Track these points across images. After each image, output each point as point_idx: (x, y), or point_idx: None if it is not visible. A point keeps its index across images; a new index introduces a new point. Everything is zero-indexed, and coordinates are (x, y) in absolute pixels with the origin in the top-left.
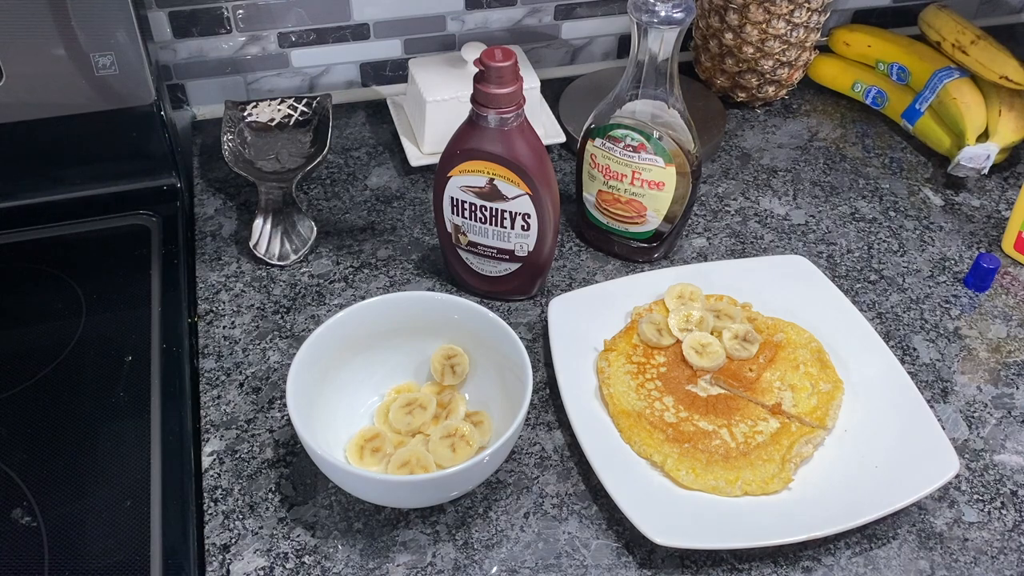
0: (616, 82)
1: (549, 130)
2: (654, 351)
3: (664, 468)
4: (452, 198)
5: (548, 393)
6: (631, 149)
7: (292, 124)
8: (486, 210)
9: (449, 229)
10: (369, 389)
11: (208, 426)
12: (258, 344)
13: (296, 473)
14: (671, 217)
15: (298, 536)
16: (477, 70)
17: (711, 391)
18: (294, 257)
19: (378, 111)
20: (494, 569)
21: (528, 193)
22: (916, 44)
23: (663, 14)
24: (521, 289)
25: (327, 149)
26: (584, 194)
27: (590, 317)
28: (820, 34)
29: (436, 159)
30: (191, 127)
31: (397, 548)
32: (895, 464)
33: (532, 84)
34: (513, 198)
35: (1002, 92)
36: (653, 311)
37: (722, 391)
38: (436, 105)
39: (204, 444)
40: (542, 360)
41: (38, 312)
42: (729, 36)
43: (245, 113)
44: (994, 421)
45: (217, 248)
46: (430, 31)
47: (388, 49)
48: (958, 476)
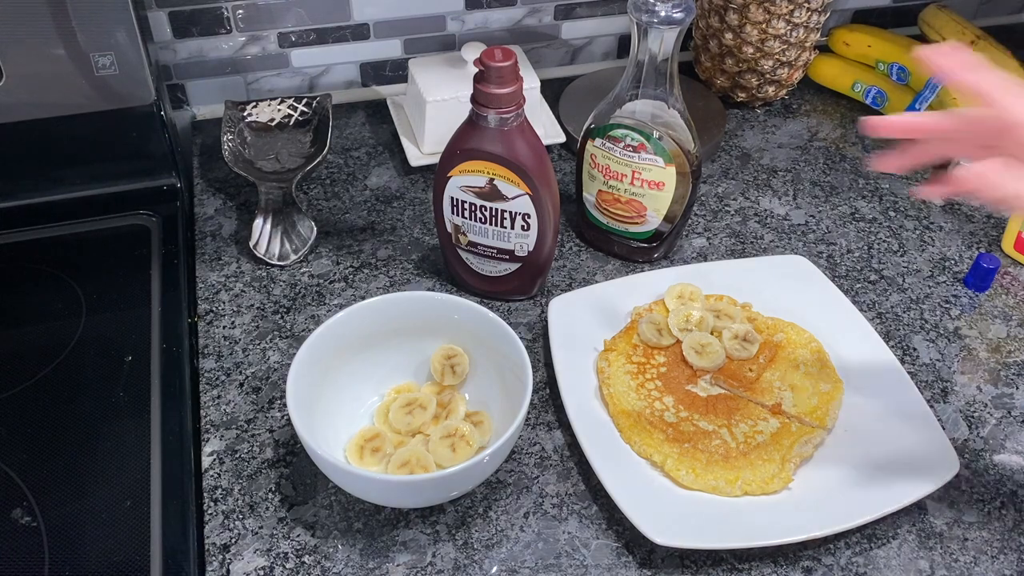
0: (616, 82)
1: (549, 130)
2: (654, 351)
3: (664, 468)
4: (452, 198)
5: (548, 393)
6: (631, 149)
7: (292, 124)
8: (486, 210)
9: (449, 229)
10: (369, 389)
11: (208, 426)
12: (258, 344)
13: (296, 473)
14: (671, 217)
15: (298, 536)
16: (477, 70)
17: (711, 391)
18: (294, 257)
19: (378, 111)
20: (494, 569)
21: (528, 193)
22: (916, 44)
23: (663, 14)
24: (521, 289)
25: (327, 149)
26: (584, 194)
27: (590, 317)
28: (820, 34)
29: (436, 159)
30: (191, 127)
31: (397, 548)
32: (895, 464)
33: (532, 84)
34: (513, 198)
35: None
36: (653, 311)
37: (722, 391)
38: (436, 105)
39: (204, 444)
40: (542, 360)
41: (38, 312)
42: (729, 36)
43: (245, 113)
44: (994, 421)
45: (217, 248)
46: (430, 31)
47: (388, 49)
48: (958, 476)
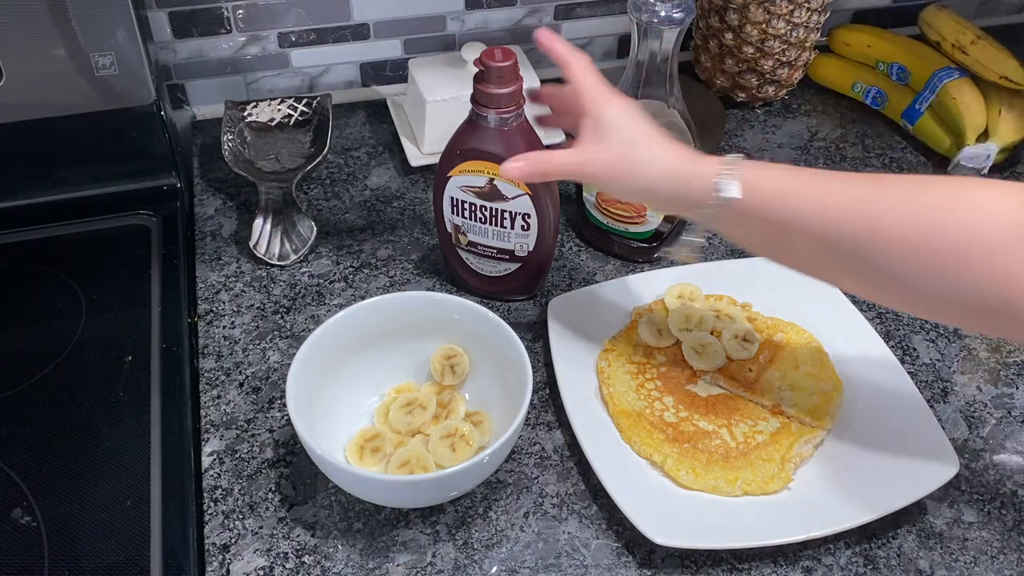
0: (616, 82)
1: (549, 130)
2: (654, 351)
3: (664, 468)
4: (452, 198)
5: (548, 393)
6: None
7: (292, 124)
8: (486, 210)
9: (449, 229)
10: (369, 389)
11: (208, 426)
12: (258, 344)
13: (296, 473)
14: (671, 217)
15: (298, 536)
16: (477, 70)
17: (711, 391)
18: (294, 257)
19: (378, 111)
20: (494, 569)
21: (528, 193)
22: (916, 44)
23: (663, 14)
24: (521, 289)
25: (327, 149)
26: (584, 194)
27: (590, 317)
28: (820, 34)
29: (436, 159)
30: (191, 127)
31: (397, 548)
32: (895, 464)
33: (532, 84)
34: (513, 198)
35: (1002, 92)
36: (653, 311)
37: (722, 391)
38: (436, 105)
39: (204, 444)
40: (542, 360)
41: (38, 312)
42: (729, 36)
43: (245, 113)
44: (994, 421)
45: (217, 248)
46: (430, 31)
47: (388, 49)
48: (958, 476)
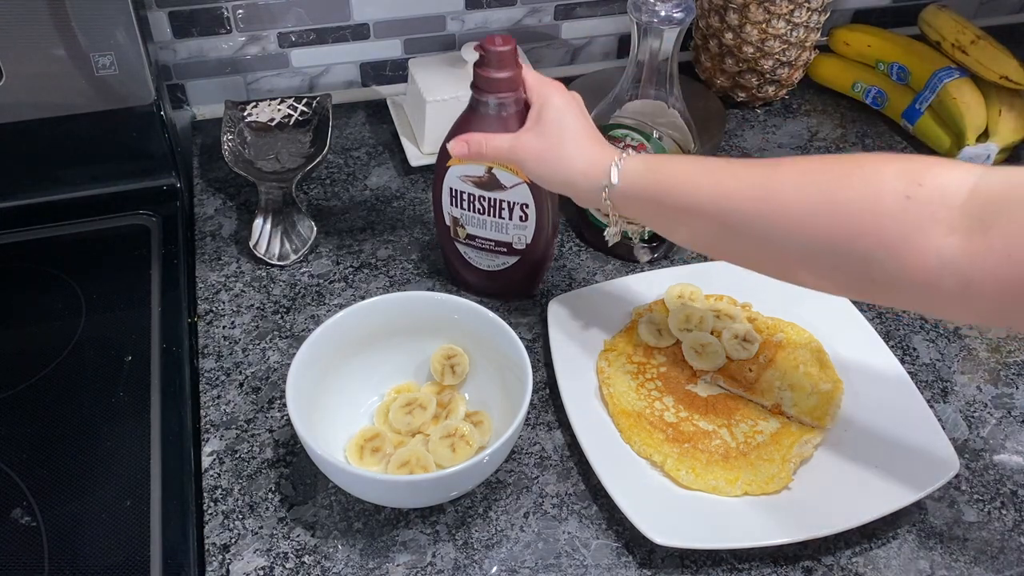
0: (616, 82)
1: None
2: (654, 351)
3: (664, 468)
4: (451, 189)
5: (548, 393)
6: (631, 149)
7: (292, 124)
8: (484, 200)
9: (448, 222)
10: (369, 389)
11: (208, 426)
12: (258, 344)
13: (296, 473)
14: None
15: (298, 536)
16: (477, 56)
17: (711, 391)
18: (294, 257)
19: (378, 111)
20: (494, 569)
21: (526, 182)
22: (916, 44)
23: (663, 14)
24: (520, 286)
25: (327, 149)
26: None
27: (590, 317)
28: (820, 34)
29: (436, 159)
30: (191, 127)
31: (397, 548)
32: (895, 464)
33: None
34: (512, 187)
35: (1002, 92)
36: (653, 311)
37: (722, 391)
38: (436, 105)
39: (204, 444)
40: (542, 360)
41: (38, 312)
42: (729, 36)
43: (245, 113)
44: (994, 421)
45: (217, 248)
46: (430, 31)
47: (388, 49)
48: (958, 476)
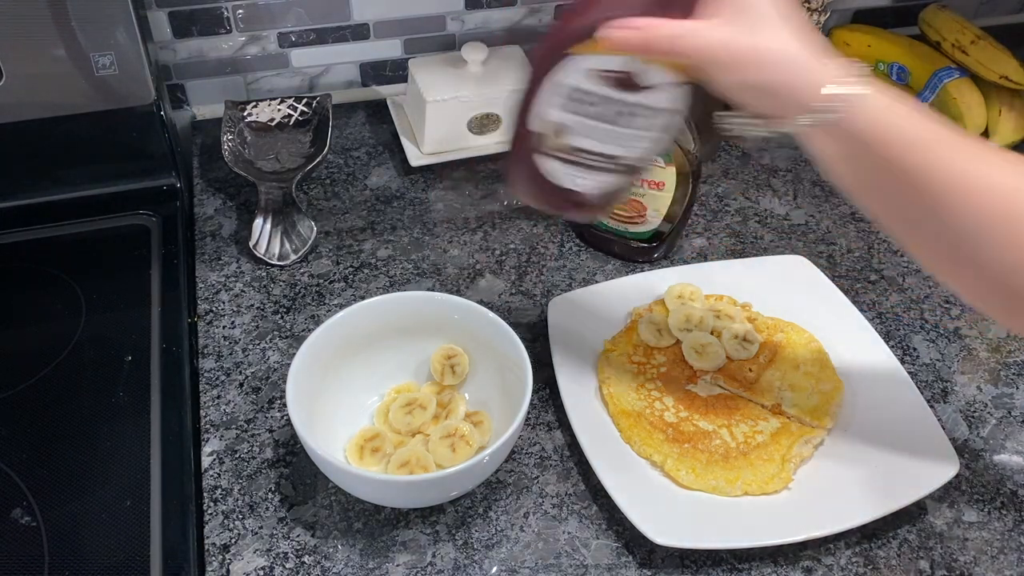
0: None
1: None
2: (654, 351)
3: (664, 468)
4: (571, 88)
5: (548, 393)
6: None
7: (292, 124)
8: (617, 104)
9: (539, 128)
10: (369, 389)
11: (208, 426)
12: (258, 344)
13: (296, 473)
14: (671, 217)
15: (298, 536)
16: None
17: (711, 391)
18: (294, 257)
19: (378, 111)
20: (494, 569)
21: (687, 82)
22: (916, 44)
23: None
24: (598, 205)
25: (327, 149)
26: None
27: (590, 317)
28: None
29: (436, 159)
30: (191, 127)
31: (397, 548)
32: (895, 464)
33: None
34: (659, 88)
35: (1002, 92)
36: (653, 311)
37: (722, 391)
38: (436, 105)
39: (204, 444)
40: (542, 360)
41: (38, 312)
42: None
43: (245, 113)
44: (994, 421)
45: (217, 248)
46: (430, 31)
47: (388, 49)
48: (958, 476)
